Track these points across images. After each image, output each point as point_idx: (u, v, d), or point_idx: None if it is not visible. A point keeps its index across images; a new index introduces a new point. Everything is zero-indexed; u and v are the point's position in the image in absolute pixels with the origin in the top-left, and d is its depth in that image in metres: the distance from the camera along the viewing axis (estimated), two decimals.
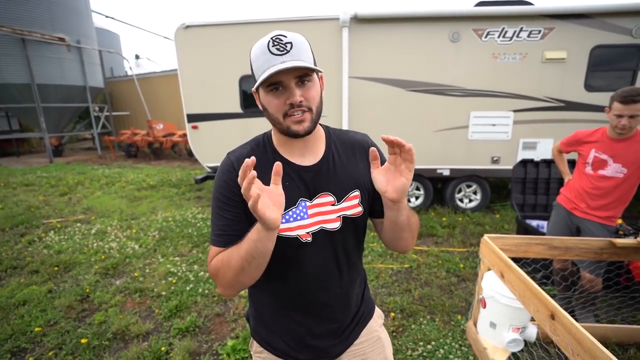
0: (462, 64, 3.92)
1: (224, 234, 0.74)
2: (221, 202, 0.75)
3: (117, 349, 2.06)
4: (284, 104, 0.69)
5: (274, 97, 0.69)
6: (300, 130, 0.70)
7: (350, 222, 0.81)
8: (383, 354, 0.97)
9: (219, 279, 0.73)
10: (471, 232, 3.77)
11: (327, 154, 0.81)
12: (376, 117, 4.19)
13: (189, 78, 4.41)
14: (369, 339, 0.95)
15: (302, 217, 0.77)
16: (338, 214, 0.79)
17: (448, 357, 1.92)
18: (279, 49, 0.65)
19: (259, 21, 4.09)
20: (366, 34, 3.95)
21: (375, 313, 1.01)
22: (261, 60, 0.67)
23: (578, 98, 3.86)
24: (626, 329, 1.99)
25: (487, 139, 4.09)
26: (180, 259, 3.23)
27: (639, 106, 1.70)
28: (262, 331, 0.90)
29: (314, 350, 0.88)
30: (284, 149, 0.79)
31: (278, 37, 0.66)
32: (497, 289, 1.80)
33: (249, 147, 0.80)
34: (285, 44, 0.66)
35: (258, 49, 0.67)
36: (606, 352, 0.97)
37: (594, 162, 1.95)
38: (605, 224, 1.96)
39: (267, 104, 0.71)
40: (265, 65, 0.66)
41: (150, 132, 9.79)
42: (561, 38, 3.73)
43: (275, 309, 0.87)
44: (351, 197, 0.80)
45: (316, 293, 0.83)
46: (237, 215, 0.75)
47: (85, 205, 5.16)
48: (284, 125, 0.71)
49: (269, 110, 0.71)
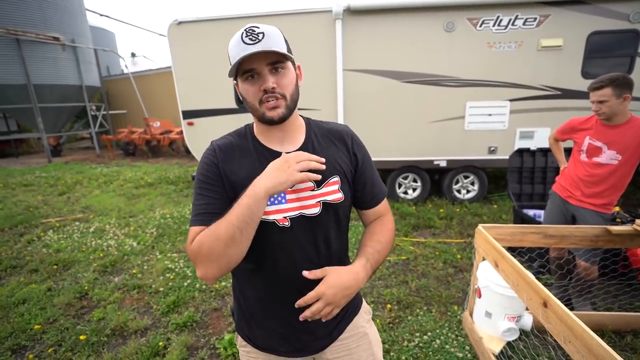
0: (457, 54, 3.88)
1: (205, 212, 0.74)
2: (203, 182, 0.77)
3: (116, 344, 2.08)
4: (259, 90, 0.72)
5: (249, 85, 0.72)
6: (274, 116, 0.73)
7: (330, 209, 0.81)
8: (370, 350, 0.94)
9: (202, 256, 0.68)
10: (468, 223, 3.77)
11: (307, 142, 0.82)
12: (372, 110, 4.16)
13: (183, 74, 4.38)
14: (354, 335, 0.93)
15: (279, 201, 0.77)
16: (318, 199, 0.79)
17: (444, 348, 1.93)
18: (251, 39, 0.68)
19: (252, 15, 4.04)
20: (360, 25, 3.91)
21: (362, 308, 0.99)
22: (235, 51, 0.70)
23: (575, 86, 3.82)
24: (623, 316, 2.00)
25: (483, 129, 4.07)
26: (177, 256, 3.24)
27: (604, 92, 1.77)
28: (244, 325, 0.90)
29: (295, 343, 0.87)
30: (264, 137, 0.81)
31: (251, 28, 0.69)
32: (492, 279, 1.80)
33: (231, 136, 0.84)
34: (257, 34, 0.69)
35: (233, 40, 0.71)
36: (596, 338, 0.96)
37: (589, 150, 1.94)
38: (600, 212, 1.95)
39: (244, 93, 0.75)
40: (239, 54, 0.69)
41: (148, 130, 9.77)
42: (557, 25, 3.68)
43: (256, 302, 0.87)
44: (331, 183, 0.81)
45: (295, 282, 0.81)
46: (218, 194, 0.76)
47: (83, 204, 5.17)
48: (259, 112, 0.74)
49: (247, 98, 0.75)
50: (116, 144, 11.52)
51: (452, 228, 3.66)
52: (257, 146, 0.80)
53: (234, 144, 0.81)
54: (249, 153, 0.80)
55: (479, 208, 4.21)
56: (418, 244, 3.31)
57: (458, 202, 4.43)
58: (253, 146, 0.80)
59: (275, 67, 0.71)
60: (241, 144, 0.81)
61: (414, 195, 4.55)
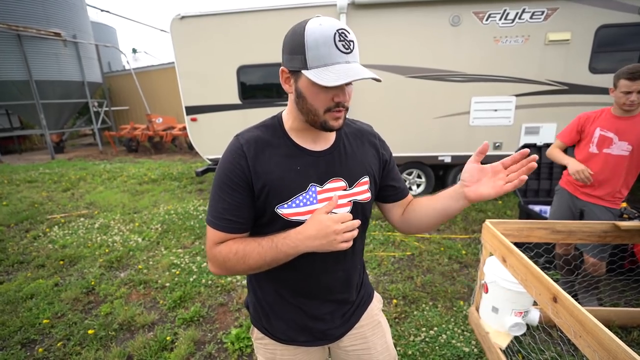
0: (463, 48, 3.84)
1: (224, 217, 0.74)
2: (225, 184, 0.74)
3: (124, 339, 2.09)
4: (331, 100, 0.68)
5: (321, 91, 0.67)
6: (336, 126, 0.72)
7: (359, 208, 0.82)
8: (384, 337, 0.97)
9: (223, 268, 0.75)
10: (473, 219, 3.76)
11: (338, 141, 0.82)
12: (376, 104, 4.14)
13: (186, 70, 4.36)
14: (369, 323, 0.96)
15: (311, 202, 0.76)
16: (349, 198, 0.80)
17: (450, 342, 1.94)
18: (344, 46, 0.64)
19: (256, 9, 4.00)
20: (364, 20, 3.87)
21: (374, 298, 1.02)
22: (324, 51, 0.63)
23: (582, 80, 3.78)
24: (629, 312, 1.99)
25: (488, 124, 4.04)
26: (183, 251, 3.25)
27: None
28: (262, 317, 0.91)
29: (314, 332, 0.88)
30: (297, 134, 0.78)
31: (343, 33, 0.64)
32: (499, 274, 1.80)
33: (259, 130, 0.78)
34: (349, 41, 0.65)
35: (320, 37, 0.62)
36: (608, 332, 0.96)
37: (599, 141, 1.91)
38: (609, 207, 1.94)
39: (308, 94, 0.68)
40: (329, 59, 0.63)
41: (150, 126, 9.76)
42: (565, 19, 3.63)
43: (276, 294, 0.87)
44: (361, 183, 0.82)
45: (319, 276, 0.84)
46: (238, 200, 0.74)
47: (87, 200, 5.19)
48: (320, 119, 0.70)
49: (308, 100, 0.69)
50: (119, 140, 11.53)
51: (457, 224, 3.65)
52: (289, 144, 0.77)
53: (264, 139, 0.76)
54: (281, 151, 0.76)
55: (484, 204, 4.20)
56: (423, 239, 3.31)
57: None
58: (285, 144, 0.77)
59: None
60: (272, 139, 0.76)
61: (418, 191, 4.54)
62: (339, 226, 0.68)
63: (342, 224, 0.69)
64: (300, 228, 0.71)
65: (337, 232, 0.68)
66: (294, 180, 0.75)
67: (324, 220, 0.69)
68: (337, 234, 0.68)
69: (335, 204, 0.73)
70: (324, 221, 0.69)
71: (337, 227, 0.68)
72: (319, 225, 0.69)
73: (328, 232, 0.68)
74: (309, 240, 0.69)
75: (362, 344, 0.94)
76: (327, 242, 0.68)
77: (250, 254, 0.72)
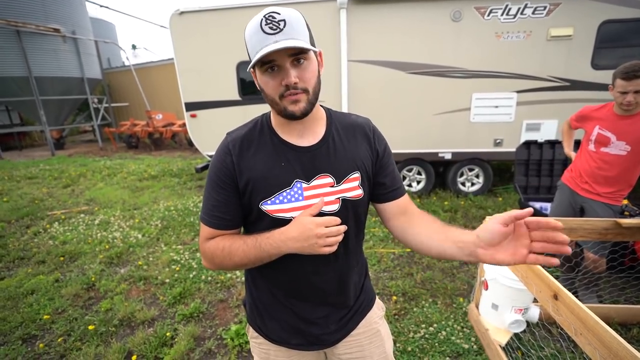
0: (464, 44, 3.81)
1: (213, 214, 0.78)
2: (214, 182, 0.76)
3: (124, 334, 2.10)
4: (280, 84, 0.67)
5: (269, 78, 0.68)
6: (296, 111, 0.69)
7: (349, 205, 0.78)
8: (382, 347, 0.92)
9: (212, 263, 0.78)
10: (473, 216, 3.75)
11: (327, 135, 0.79)
12: (376, 101, 4.12)
13: (185, 66, 4.33)
14: (367, 331, 0.91)
15: (296, 198, 0.75)
16: (337, 195, 0.77)
17: (450, 339, 1.94)
18: (271, 28, 0.63)
19: (256, 4, 3.97)
20: (365, 15, 3.83)
21: (375, 304, 0.97)
22: (254, 40, 0.64)
23: (584, 77, 3.74)
24: (629, 309, 1.99)
25: (489, 121, 4.02)
26: (182, 247, 3.25)
27: None
28: (257, 317, 0.90)
29: (307, 336, 0.86)
30: (282, 129, 0.77)
31: (271, 15, 0.63)
32: (499, 271, 1.79)
33: (247, 128, 0.80)
34: (278, 21, 0.63)
35: (251, 27, 0.65)
36: (609, 330, 0.96)
37: (597, 140, 1.91)
38: (609, 204, 1.93)
39: (263, 85, 0.70)
40: (258, 45, 0.63)
41: (150, 122, 9.75)
42: (568, 14, 3.59)
43: (270, 294, 0.86)
44: (351, 179, 0.78)
45: (310, 277, 0.81)
46: (226, 198, 0.76)
47: (88, 196, 5.19)
48: (280, 106, 0.70)
49: (266, 91, 0.70)
50: (119, 136, 11.52)
51: (457, 221, 3.64)
52: (274, 140, 0.76)
53: (250, 137, 0.77)
54: (266, 147, 0.76)
55: (484, 201, 4.19)
56: None
57: (462, 194, 4.41)
58: (270, 140, 0.76)
59: (297, 59, 0.66)
60: (258, 136, 0.77)
61: (418, 187, 4.53)
62: (322, 230, 0.67)
63: (326, 229, 0.67)
64: (284, 229, 0.71)
65: (319, 236, 0.67)
66: (277, 176, 0.74)
67: (307, 222, 0.68)
68: (318, 237, 0.67)
69: (321, 206, 0.72)
70: (307, 224, 0.68)
71: (320, 230, 0.67)
72: (301, 228, 0.68)
73: (310, 235, 0.67)
74: (291, 242, 0.69)
75: (358, 352, 0.90)
76: (308, 245, 0.68)
77: (236, 251, 0.73)
